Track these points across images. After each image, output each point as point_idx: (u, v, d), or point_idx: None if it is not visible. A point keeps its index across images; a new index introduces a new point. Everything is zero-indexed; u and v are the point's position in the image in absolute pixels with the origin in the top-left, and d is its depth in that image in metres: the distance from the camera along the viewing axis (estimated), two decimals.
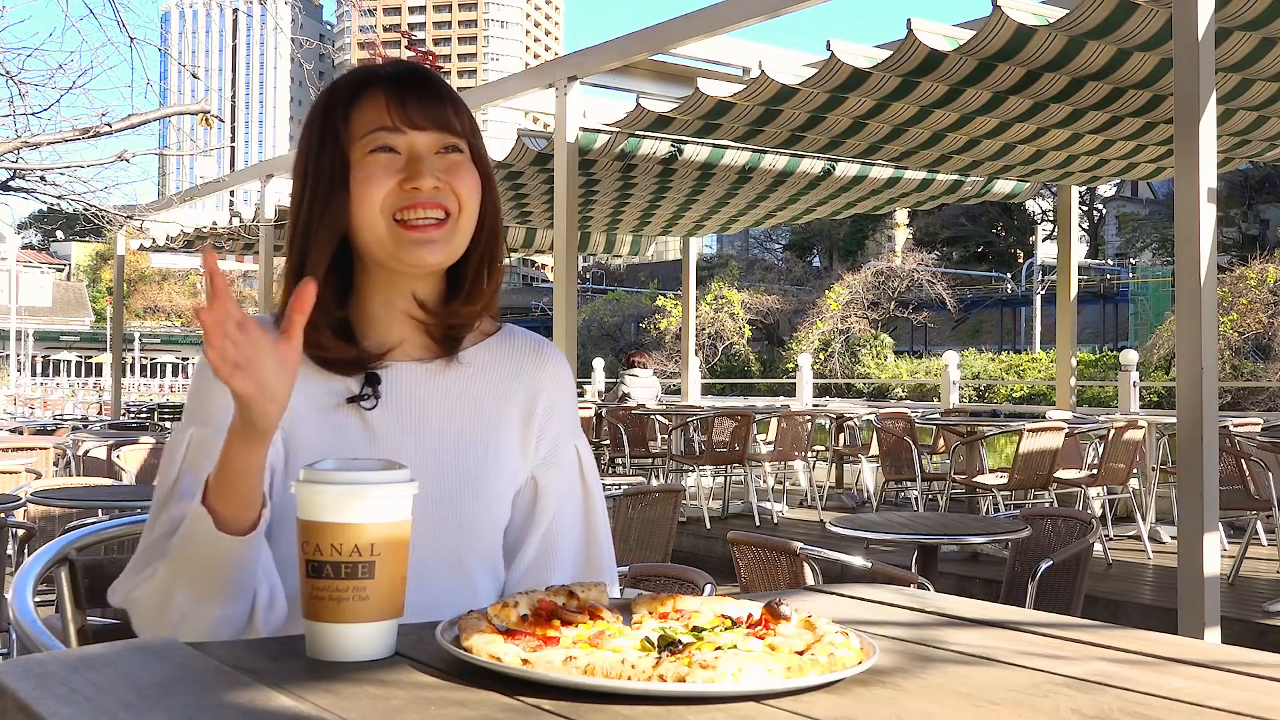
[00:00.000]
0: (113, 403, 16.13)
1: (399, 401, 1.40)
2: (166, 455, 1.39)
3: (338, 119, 1.38)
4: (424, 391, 1.41)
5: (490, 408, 1.45)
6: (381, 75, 1.40)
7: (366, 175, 1.35)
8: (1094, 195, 42.73)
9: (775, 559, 3.32)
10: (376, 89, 1.38)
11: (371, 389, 1.38)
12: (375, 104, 1.37)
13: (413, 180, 1.34)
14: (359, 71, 1.43)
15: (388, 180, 1.35)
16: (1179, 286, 4.35)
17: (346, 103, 1.38)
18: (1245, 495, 6.44)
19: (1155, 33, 5.58)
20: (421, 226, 1.35)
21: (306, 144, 1.40)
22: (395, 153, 1.36)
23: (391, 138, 1.36)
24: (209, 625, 1.27)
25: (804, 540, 3.36)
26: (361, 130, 1.36)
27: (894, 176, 9.64)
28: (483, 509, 1.42)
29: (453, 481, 1.40)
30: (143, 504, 4.46)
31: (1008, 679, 1.01)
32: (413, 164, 1.35)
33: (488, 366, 1.46)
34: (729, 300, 32.19)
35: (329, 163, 1.36)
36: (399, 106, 1.36)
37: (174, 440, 1.39)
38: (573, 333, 7.36)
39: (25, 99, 6.61)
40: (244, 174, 14.50)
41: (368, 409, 1.38)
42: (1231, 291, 21.78)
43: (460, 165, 1.38)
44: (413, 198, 1.34)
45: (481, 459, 1.42)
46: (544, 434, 1.49)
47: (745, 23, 6.64)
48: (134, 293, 56.15)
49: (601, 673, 0.92)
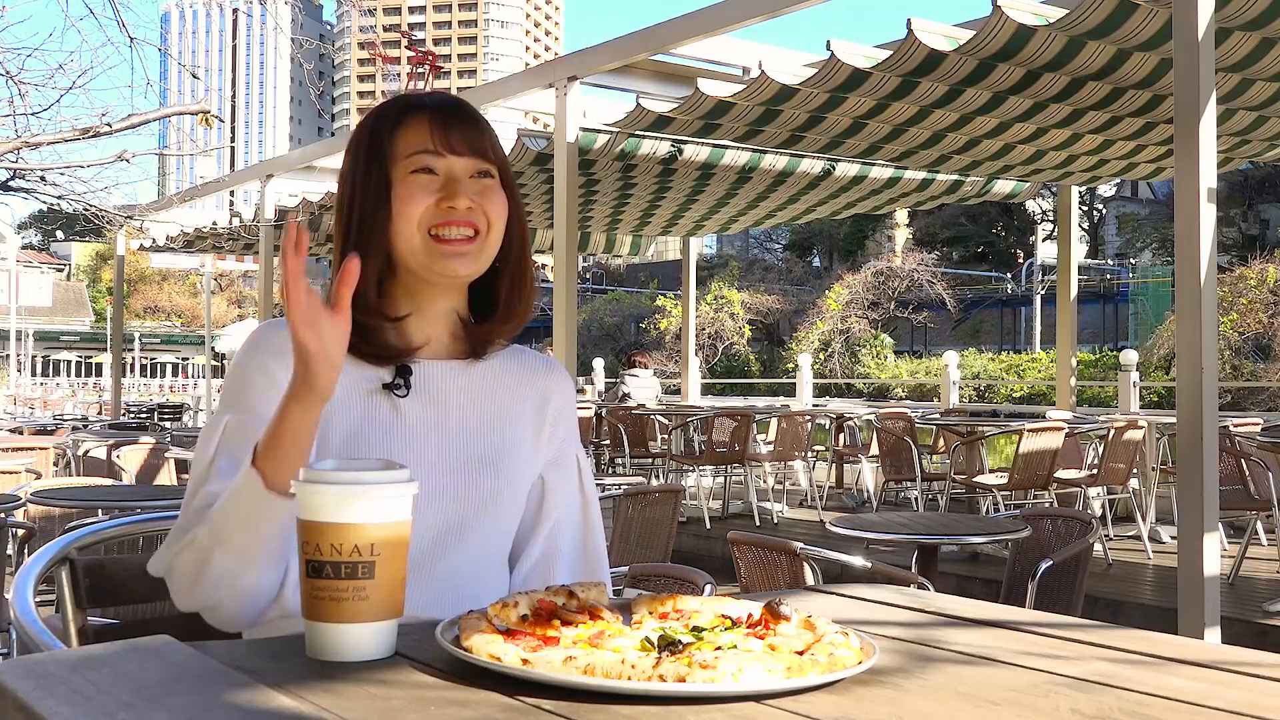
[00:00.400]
0: (113, 403, 16.12)
1: (427, 392, 1.52)
2: (202, 439, 1.45)
3: (383, 141, 1.50)
4: (450, 385, 1.54)
5: (508, 402, 1.58)
6: (426, 103, 1.53)
7: (408, 193, 1.48)
8: (1094, 195, 42.73)
9: (775, 559, 3.32)
10: (421, 115, 1.51)
11: (403, 379, 1.50)
12: (419, 129, 1.50)
13: (449, 199, 1.47)
14: (405, 98, 1.56)
15: (426, 198, 1.48)
16: (1179, 286, 4.35)
17: (392, 127, 1.51)
18: (1245, 495, 6.44)
19: (1155, 33, 5.58)
20: (454, 241, 1.48)
21: (353, 163, 1.52)
22: (434, 174, 1.49)
23: (432, 160, 1.49)
24: (244, 591, 1.35)
25: (804, 540, 3.36)
26: (405, 151, 1.49)
27: (894, 176, 9.64)
28: (503, 484, 1.53)
29: (476, 461, 1.52)
30: (143, 504, 4.47)
31: (1008, 679, 1.01)
32: (450, 185, 1.48)
33: (505, 369, 1.60)
34: (729, 300, 32.18)
35: (375, 183, 1.49)
36: (442, 133, 1.49)
37: (210, 425, 1.46)
38: (573, 333, 7.36)
39: (25, 99, 6.61)
40: (244, 174, 14.49)
41: (400, 396, 1.49)
42: (1231, 291, 21.78)
43: (492, 189, 1.51)
44: (448, 215, 1.47)
45: (500, 443, 1.55)
46: (553, 435, 1.61)
47: (745, 23, 6.64)
48: (134, 293, 56.09)
49: (601, 673, 0.92)
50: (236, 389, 1.47)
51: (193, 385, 39.81)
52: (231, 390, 1.47)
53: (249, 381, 1.46)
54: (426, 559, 1.43)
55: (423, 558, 1.38)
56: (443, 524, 1.47)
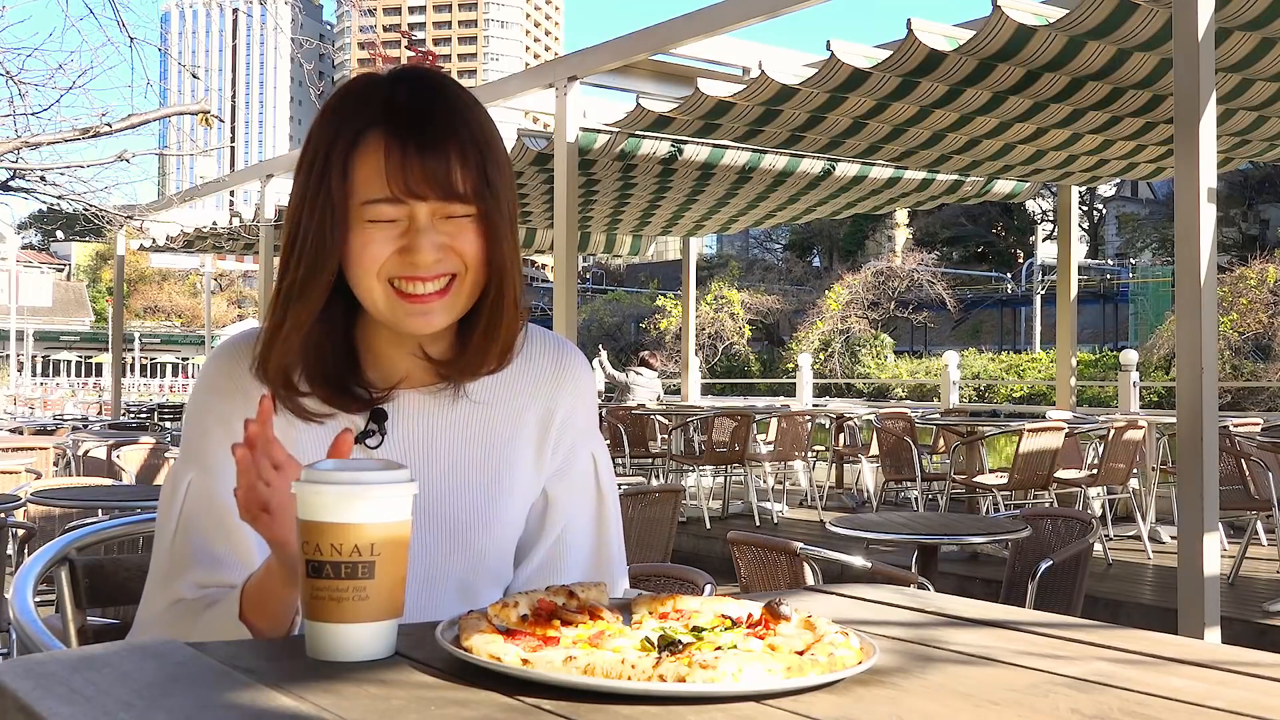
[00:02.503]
0: (113, 403, 16.12)
1: (407, 436, 1.36)
2: (165, 497, 1.38)
3: (334, 170, 1.26)
4: (433, 423, 1.37)
5: (503, 431, 1.41)
6: (383, 113, 1.26)
7: (363, 242, 1.26)
8: (1094, 195, 42.74)
9: (775, 559, 3.32)
10: (376, 135, 1.25)
11: (378, 425, 1.35)
12: (375, 160, 1.25)
13: (411, 254, 1.25)
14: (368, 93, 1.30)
15: (386, 248, 1.26)
16: (1179, 286, 4.35)
17: (345, 154, 1.26)
18: (1245, 495, 6.44)
19: (1155, 33, 5.58)
20: (420, 298, 1.27)
21: (304, 184, 1.29)
22: (394, 221, 1.26)
23: (390, 209, 1.25)
24: None
25: (804, 540, 3.36)
26: (360, 195, 1.26)
27: (894, 176, 9.64)
28: (492, 542, 1.40)
29: (465, 515, 1.38)
30: (142, 504, 4.46)
31: (1008, 679, 1.01)
32: (413, 235, 1.25)
33: (502, 387, 1.41)
34: (729, 300, 32.17)
35: (320, 220, 1.26)
36: (399, 170, 1.24)
37: (173, 480, 1.37)
38: (573, 333, 7.36)
39: (25, 99, 6.62)
40: (244, 174, 14.49)
41: (373, 448, 1.34)
42: (1231, 291, 21.77)
43: (464, 227, 1.27)
44: (411, 270, 1.26)
45: (493, 490, 1.39)
46: (559, 446, 1.45)
47: (745, 23, 6.64)
48: (134, 293, 56.08)
49: (601, 673, 0.92)
50: (194, 437, 1.36)
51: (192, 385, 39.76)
52: (190, 439, 1.37)
53: (206, 432, 1.34)
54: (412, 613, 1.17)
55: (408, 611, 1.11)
56: (426, 578, 1.34)
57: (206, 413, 1.35)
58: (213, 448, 1.33)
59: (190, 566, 1.31)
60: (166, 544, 1.34)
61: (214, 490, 1.30)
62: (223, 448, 1.26)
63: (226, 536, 1.31)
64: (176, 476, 1.36)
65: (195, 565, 1.31)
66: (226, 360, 1.37)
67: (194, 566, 1.31)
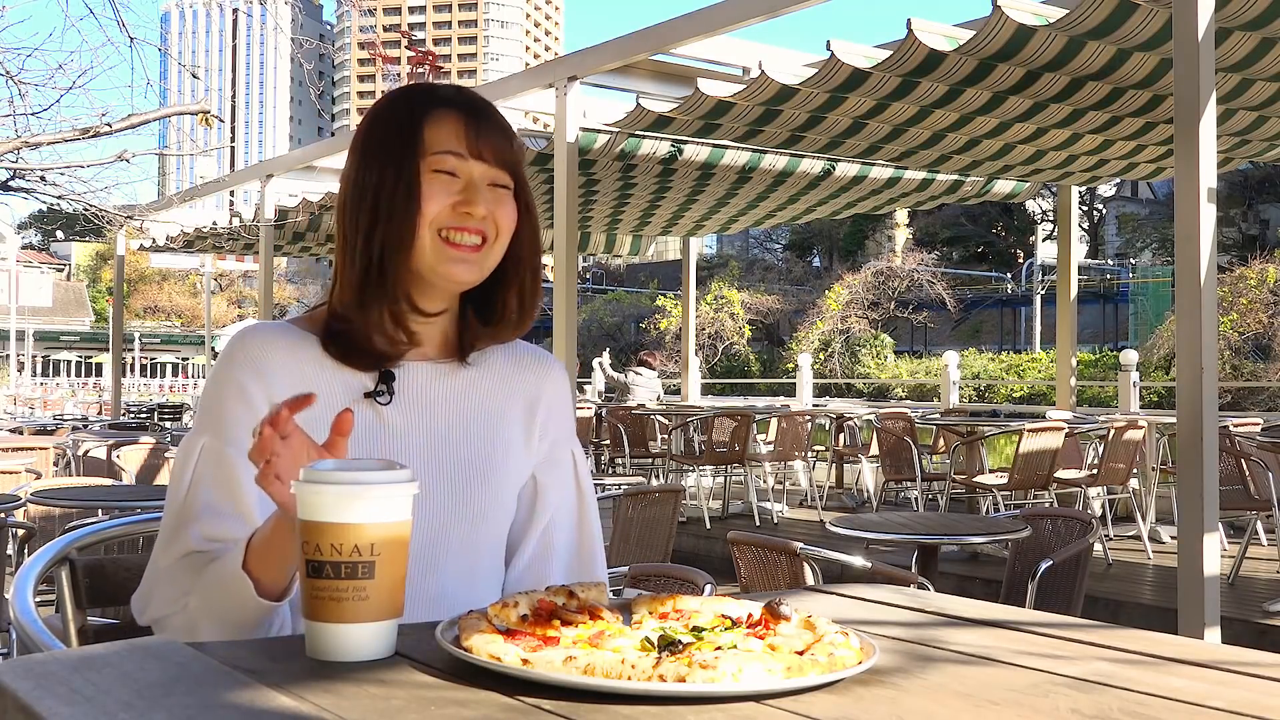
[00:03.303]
0: (113, 403, 16.11)
1: (412, 398, 1.49)
2: (178, 463, 1.45)
3: (416, 132, 1.45)
4: (435, 389, 1.51)
5: (497, 402, 1.55)
6: (457, 101, 1.49)
7: (429, 192, 1.44)
8: (1094, 195, 42.72)
9: (775, 559, 3.32)
10: (452, 112, 1.47)
11: (386, 385, 1.48)
12: (451, 126, 1.46)
13: (467, 205, 1.45)
14: (433, 89, 1.51)
15: (445, 200, 1.44)
16: (1179, 286, 4.35)
17: (422, 117, 1.46)
18: (1245, 495, 6.44)
19: (1155, 33, 5.58)
20: (462, 247, 1.45)
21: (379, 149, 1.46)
22: (455, 176, 1.45)
23: (457, 163, 1.45)
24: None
25: (804, 540, 3.37)
26: (432, 148, 1.45)
27: (894, 176, 9.64)
28: (491, 496, 1.51)
29: (462, 471, 1.49)
30: (143, 504, 4.47)
31: (1008, 679, 1.01)
32: (469, 190, 1.45)
33: (494, 367, 1.57)
34: (729, 300, 32.16)
35: (408, 174, 1.44)
36: (473, 136, 1.46)
37: (186, 448, 1.46)
38: (573, 333, 7.36)
39: (25, 99, 6.61)
40: (244, 174, 14.48)
41: (383, 404, 1.47)
42: (1231, 291, 21.76)
43: (505, 199, 1.48)
44: (463, 221, 1.44)
45: (489, 450, 1.52)
46: (545, 433, 1.59)
47: (745, 23, 6.63)
48: (134, 293, 56.05)
49: (601, 673, 0.92)
50: (211, 407, 1.46)
51: (193, 385, 39.80)
52: (207, 408, 1.47)
53: (223, 401, 1.44)
54: (416, 574, 1.32)
55: (412, 572, 1.24)
56: (429, 537, 1.44)
57: (226, 384, 1.45)
58: (227, 416, 1.43)
59: (198, 519, 1.40)
60: (178, 503, 1.42)
61: (225, 452, 1.41)
62: (235, 416, 1.41)
63: (232, 493, 1.40)
64: (190, 444, 1.45)
65: (203, 518, 1.40)
66: (251, 341, 1.48)
67: (202, 518, 1.40)
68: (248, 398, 1.43)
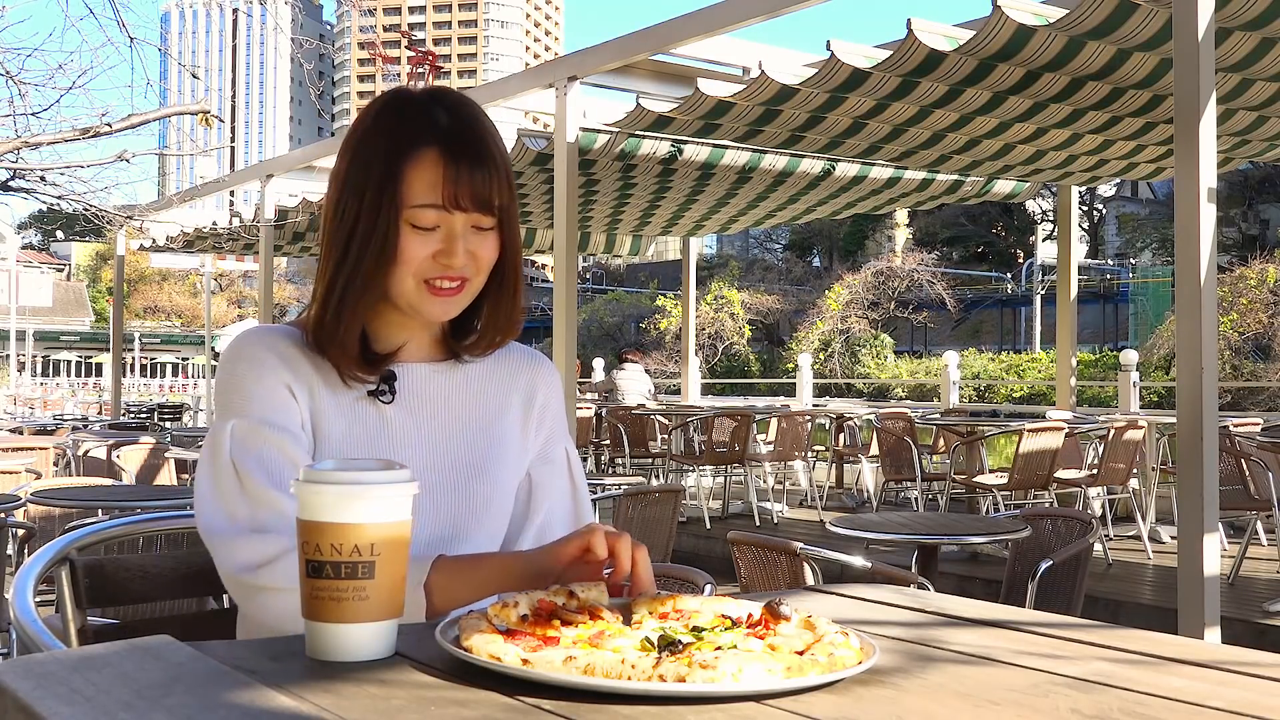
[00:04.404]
0: (113, 403, 16.11)
1: (412, 397, 1.54)
2: (208, 452, 1.45)
3: (397, 178, 1.44)
4: (434, 388, 1.56)
5: (494, 398, 1.60)
6: (440, 133, 1.45)
7: (406, 244, 1.45)
8: (1094, 195, 42.73)
9: (775, 559, 3.32)
10: (432, 151, 1.44)
11: (388, 385, 1.52)
12: (429, 172, 1.44)
13: (446, 257, 1.46)
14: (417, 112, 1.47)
15: (424, 250, 1.46)
16: (1179, 286, 4.35)
17: (404, 161, 1.45)
18: (1245, 495, 6.44)
19: (1155, 33, 5.58)
20: (444, 291, 1.48)
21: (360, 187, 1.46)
22: (435, 230, 1.46)
23: (437, 216, 1.45)
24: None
25: (804, 540, 3.36)
26: (412, 199, 1.44)
27: (894, 176, 9.63)
28: (491, 489, 1.55)
29: (462, 466, 1.54)
30: (143, 504, 4.47)
31: (1008, 679, 1.01)
32: (450, 241, 1.46)
33: (489, 365, 1.62)
34: (729, 300, 32.17)
35: (384, 226, 1.44)
36: (452, 185, 1.44)
37: (214, 436, 1.46)
38: (573, 333, 7.36)
39: (25, 99, 6.60)
40: (244, 174, 14.48)
41: (385, 403, 1.51)
42: (1231, 291, 21.77)
43: (487, 238, 1.49)
44: (443, 271, 1.47)
45: (487, 445, 1.56)
46: (540, 427, 1.64)
47: (745, 23, 6.63)
48: (134, 293, 56.02)
49: (601, 673, 0.92)
50: (233, 395, 1.47)
51: (193, 385, 39.76)
52: (225, 395, 1.48)
53: (243, 384, 1.47)
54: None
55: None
56: (433, 533, 1.48)
57: (242, 369, 1.47)
58: (249, 397, 1.45)
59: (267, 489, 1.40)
60: (234, 487, 1.41)
61: (259, 428, 1.43)
62: (257, 394, 1.45)
63: (278, 463, 1.42)
64: (217, 430, 1.46)
65: (269, 487, 1.40)
66: (257, 336, 1.51)
67: (269, 488, 1.40)
68: (266, 378, 1.46)
